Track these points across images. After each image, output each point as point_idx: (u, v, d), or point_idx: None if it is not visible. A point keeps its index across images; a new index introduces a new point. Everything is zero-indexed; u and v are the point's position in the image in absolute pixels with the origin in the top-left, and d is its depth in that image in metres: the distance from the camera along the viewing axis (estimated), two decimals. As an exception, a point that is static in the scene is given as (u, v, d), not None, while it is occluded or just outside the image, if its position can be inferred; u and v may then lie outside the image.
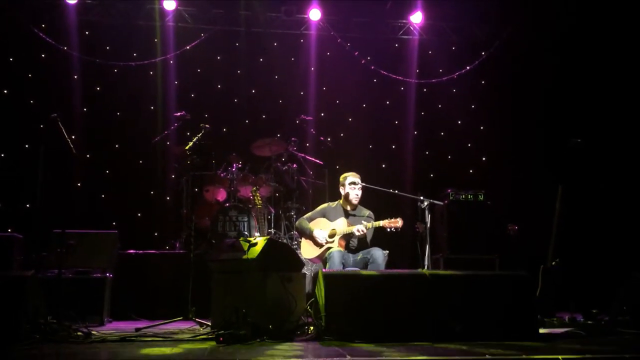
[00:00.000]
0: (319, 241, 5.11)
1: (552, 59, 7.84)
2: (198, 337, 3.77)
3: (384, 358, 2.84)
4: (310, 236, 5.19)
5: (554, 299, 4.67)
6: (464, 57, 8.39)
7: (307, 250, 5.22)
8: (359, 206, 5.30)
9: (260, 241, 4.12)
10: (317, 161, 7.11)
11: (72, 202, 4.40)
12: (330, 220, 5.23)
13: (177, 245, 6.58)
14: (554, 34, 7.84)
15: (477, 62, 8.30)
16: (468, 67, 8.31)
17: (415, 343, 3.41)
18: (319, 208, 5.42)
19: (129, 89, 7.76)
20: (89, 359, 2.95)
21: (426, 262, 5.08)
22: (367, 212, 5.34)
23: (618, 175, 6.50)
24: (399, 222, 4.84)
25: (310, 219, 5.32)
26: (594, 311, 4.70)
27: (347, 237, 5.11)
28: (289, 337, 3.64)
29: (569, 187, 5.12)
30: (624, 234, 6.00)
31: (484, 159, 8.37)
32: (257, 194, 5.84)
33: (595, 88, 7.44)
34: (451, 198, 6.12)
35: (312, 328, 3.81)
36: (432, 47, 8.51)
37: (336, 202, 5.41)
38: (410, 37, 8.47)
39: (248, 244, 4.14)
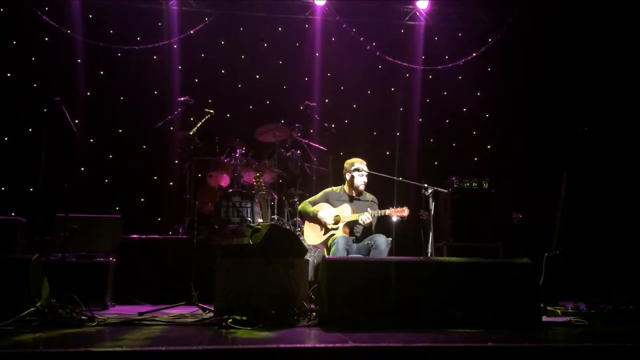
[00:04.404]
0: (324, 221, 5.08)
1: (558, 46, 7.75)
2: (201, 322, 3.78)
3: (386, 344, 2.83)
4: (314, 218, 5.16)
5: (557, 288, 4.66)
6: (470, 43, 8.31)
7: (310, 236, 5.21)
8: (363, 191, 5.28)
9: (263, 227, 4.11)
10: (321, 147, 7.08)
11: (76, 186, 4.41)
12: (334, 205, 5.21)
13: (180, 230, 6.59)
14: (560, 20, 7.73)
15: (483, 48, 8.21)
16: (474, 54, 8.23)
17: (418, 330, 3.40)
18: (322, 192, 5.40)
19: (133, 73, 7.72)
20: (92, 343, 2.95)
21: (430, 250, 5.06)
22: (371, 198, 5.32)
23: (624, 163, 6.44)
24: (405, 212, 4.82)
25: (313, 203, 5.30)
26: (597, 300, 4.68)
27: (352, 224, 5.09)
28: (291, 323, 3.64)
29: (574, 175, 5.07)
30: (628, 222, 5.96)
31: (489, 146, 8.31)
32: (261, 180, 5.83)
33: (602, 75, 7.35)
34: (455, 186, 6.08)
35: (314, 314, 3.82)
36: (438, 33, 8.43)
37: (340, 187, 5.38)
38: (416, 22, 8.38)
39: (251, 230, 4.13)
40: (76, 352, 2.64)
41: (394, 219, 4.83)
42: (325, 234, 5.11)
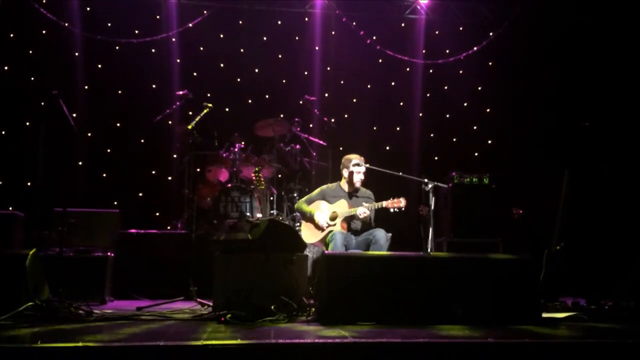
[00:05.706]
0: (321, 224, 5.07)
1: (560, 41, 7.71)
2: (199, 317, 3.76)
3: (385, 340, 2.81)
4: (310, 219, 5.15)
5: (557, 283, 4.64)
6: (471, 38, 8.26)
7: (308, 235, 5.18)
8: (359, 187, 5.26)
9: (262, 222, 4.09)
10: (321, 142, 7.04)
11: (74, 181, 4.39)
12: (330, 202, 5.19)
13: (179, 225, 6.56)
14: (562, 15, 7.69)
15: (484, 42, 8.17)
16: (475, 48, 8.18)
17: (418, 326, 3.39)
18: (317, 190, 5.38)
19: (131, 67, 7.66)
20: (90, 338, 2.93)
21: (429, 245, 5.04)
22: (367, 193, 5.30)
23: (625, 158, 6.42)
24: (402, 202, 4.80)
25: (309, 202, 5.27)
26: (597, 296, 4.67)
27: (349, 219, 5.07)
28: (290, 318, 3.63)
29: (575, 171, 5.05)
30: (629, 218, 5.95)
31: (489, 142, 8.28)
32: (260, 175, 5.80)
33: (604, 70, 7.31)
34: (456, 181, 6.06)
35: (313, 309, 3.80)
36: (439, 27, 8.38)
37: (335, 183, 5.38)
38: (417, 16, 8.33)
39: (250, 225, 4.11)
40: (74, 347, 2.62)
41: (392, 210, 4.81)
42: (322, 232, 5.09)
